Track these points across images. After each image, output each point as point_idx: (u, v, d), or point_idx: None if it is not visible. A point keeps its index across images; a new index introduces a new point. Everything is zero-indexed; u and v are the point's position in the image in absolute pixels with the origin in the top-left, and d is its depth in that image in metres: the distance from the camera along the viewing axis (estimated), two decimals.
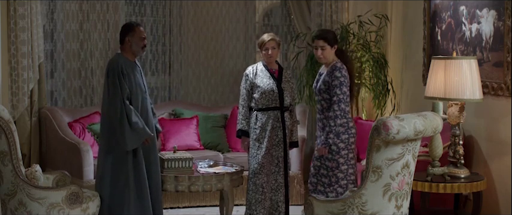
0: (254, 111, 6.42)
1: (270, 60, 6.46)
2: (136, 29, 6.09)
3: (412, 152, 5.01)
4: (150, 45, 8.53)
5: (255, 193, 6.35)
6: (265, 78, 6.42)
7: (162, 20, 8.58)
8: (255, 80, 6.43)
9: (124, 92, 5.93)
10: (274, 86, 6.39)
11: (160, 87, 8.65)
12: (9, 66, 7.31)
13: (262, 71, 6.46)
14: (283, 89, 6.42)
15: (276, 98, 6.38)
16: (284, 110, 6.43)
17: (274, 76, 6.44)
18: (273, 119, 6.37)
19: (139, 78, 6.10)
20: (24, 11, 7.26)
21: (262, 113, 6.39)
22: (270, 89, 6.36)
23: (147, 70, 8.54)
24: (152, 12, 8.53)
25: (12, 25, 7.26)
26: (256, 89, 6.41)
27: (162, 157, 6.41)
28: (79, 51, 8.09)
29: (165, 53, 8.63)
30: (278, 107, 6.40)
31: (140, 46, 6.11)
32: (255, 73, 6.46)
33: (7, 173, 5.48)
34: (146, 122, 6.03)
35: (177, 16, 8.59)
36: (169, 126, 7.74)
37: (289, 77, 6.52)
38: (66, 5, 7.95)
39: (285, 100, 6.42)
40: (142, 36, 6.11)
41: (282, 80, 6.45)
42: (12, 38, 7.28)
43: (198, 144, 7.73)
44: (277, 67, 6.52)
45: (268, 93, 6.36)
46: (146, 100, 6.15)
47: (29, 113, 7.44)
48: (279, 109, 6.40)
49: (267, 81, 6.40)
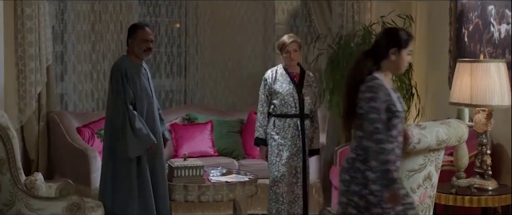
0: (272, 117, 6.11)
1: (292, 64, 6.14)
2: (138, 31, 5.82)
3: (435, 163, 4.66)
4: (164, 47, 8.25)
5: (275, 202, 6.06)
6: (285, 83, 6.10)
7: (178, 20, 8.30)
8: (274, 86, 6.10)
9: (127, 97, 5.64)
10: (294, 92, 6.08)
11: (175, 91, 8.36)
12: (17, 69, 7.05)
13: (282, 75, 6.14)
14: (304, 95, 6.10)
15: (296, 105, 6.07)
16: (304, 117, 6.10)
17: (295, 81, 6.12)
18: (293, 127, 6.07)
19: (145, 82, 5.81)
20: (32, 12, 7.00)
21: (280, 120, 6.09)
22: (289, 96, 6.06)
23: (161, 72, 8.26)
24: (167, 12, 8.26)
25: (20, 26, 7.00)
26: (275, 95, 6.10)
27: (172, 164, 6.10)
28: (91, 53, 7.81)
29: (180, 54, 8.35)
30: (297, 114, 6.08)
31: (142, 49, 5.81)
32: (274, 78, 6.13)
33: (5, 182, 5.20)
34: (152, 128, 5.74)
35: (193, 16, 8.30)
36: (183, 131, 7.43)
37: (311, 80, 6.21)
38: (77, 5, 7.67)
39: (306, 107, 6.10)
40: (145, 38, 5.81)
41: (304, 85, 6.13)
42: (19, 40, 7.02)
43: (212, 150, 7.42)
44: (298, 70, 6.20)
45: (288, 100, 6.06)
46: (153, 105, 5.85)
47: (36, 117, 7.17)
48: (298, 117, 6.08)
49: (287, 87, 6.08)
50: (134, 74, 5.75)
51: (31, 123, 7.14)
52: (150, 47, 5.84)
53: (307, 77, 6.16)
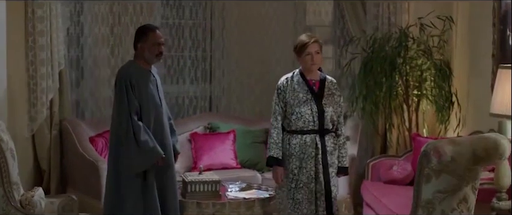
0: (286, 133, 5.19)
1: (313, 68, 5.17)
2: (149, 34, 5.33)
3: (472, 184, 4.10)
4: (188, 51, 7.84)
5: None
6: (302, 92, 5.16)
7: (202, 23, 7.89)
8: (289, 96, 5.18)
9: (132, 106, 5.19)
10: (313, 103, 5.14)
11: (200, 97, 7.93)
12: (27, 74, 6.65)
13: (298, 83, 5.19)
14: (324, 106, 5.15)
15: (314, 119, 5.13)
16: (324, 133, 5.18)
17: (314, 90, 5.18)
18: (310, 146, 5.12)
19: (153, 90, 5.34)
20: (43, 13, 6.59)
21: (295, 137, 5.15)
22: (306, 108, 5.13)
23: (185, 78, 7.85)
24: (191, 14, 7.85)
25: (30, 29, 6.60)
26: (289, 107, 5.17)
27: (185, 179, 5.62)
28: (109, 58, 7.38)
29: (205, 59, 7.93)
30: (316, 130, 5.15)
31: (154, 53, 5.33)
32: (290, 86, 5.20)
33: None
34: (161, 140, 5.27)
35: (219, 18, 7.87)
36: (203, 141, 6.96)
37: (334, 88, 5.24)
38: (95, 6, 7.25)
39: (326, 121, 5.17)
40: (157, 41, 5.33)
41: (324, 95, 5.18)
42: (30, 43, 6.62)
43: (234, 162, 6.94)
44: (318, 77, 5.24)
45: (304, 113, 5.13)
46: (161, 115, 5.38)
47: (48, 125, 6.76)
48: (317, 133, 5.15)
49: (303, 98, 5.14)
50: (141, 81, 5.29)
51: (43, 131, 6.75)
52: (161, 51, 5.38)
53: (329, 84, 5.23)
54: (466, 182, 4.07)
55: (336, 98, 5.25)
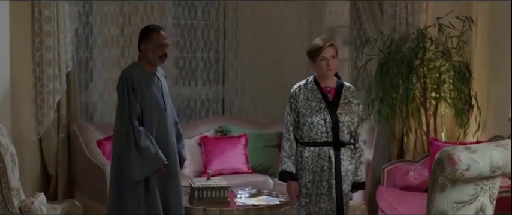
0: (298, 144, 4.79)
1: (328, 74, 4.73)
2: (152, 35, 5.13)
3: (489, 193, 3.88)
4: (201, 52, 7.67)
5: None
6: (315, 101, 4.73)
7: (215, 23, 7.72)
8: (301, 105, 4.75)
9: (133, 110, 5.01)
10: (326, 112, 4.71)
11: (212, 100, 7.76)
12: (34, 76, 6.50)
13: (312, 91, 4.76)
14: (339, 116, 4.70)
15: (327, 130, 4.70)
16: (339, 145, 4.74)
17: (328, 98, 4.74)
18: (324, 159, 4.71)
19: (157, 93, 5.15)
20: (50, 13, 6.43)
21: (307, 150, 4.73)
22: (319, 118, 4.70)
23: (198, 80, 7.67)
24: (204, 14, 7.68)
25: (37, 29, 6.45)
26: (302, 117, 4.76)
27: (193, 184, 5.43)
28: (119, 59, 7.21)
29: (218, 60, 7.77)
30: (330, 142, 4.72)
31: (158, 55, 5.12)
32: (302, 94, 4.77)
33: None
34: (165, 146, 5.10)
35: (232, 18, 7.71)
36: (213, 145, 6.77)
37: (351, 96, 4.79)
38: (105, 6, 7.09)
39: (342, 132, 4.73)
40: (161, 42, 5.12)
41: (339, 103, 4.74)
42: (36, 44, 6.47)
43: (245, 167, 6.75)
44: (334, 84, 4.80)
45: (317, 124, 4.70)
46: (166, 119, 5.19)
47: (55, 128, 6.60)
48: (331, 145, 4.72)
49: (316, 107, 4.71)
50: (144, 84, 5.09)
51: (50, 135, 6.59)
52: (165, 53, 5.16)
53: (346, 92, 4.79)
54: (483, 192, 3.85)
55: (352, 107, 4.77)
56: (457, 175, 3.69)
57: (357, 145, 4.82)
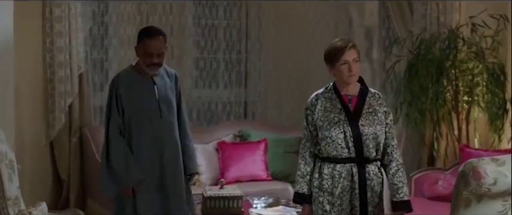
0: (318, 161, 4.20)
1: (351, 81, 4.11)
2: (143, 40, 4.80)
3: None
4: (222, 53, 7.40)
5: None
6: (334, 112, 4.12)
7: (237, 23, 7.45)
8: (318, 117, 4.15)
9: (112, 121, 4.72)
10: (346, 124, 4.09)
11: (234, 103, 7.48)
12: (45, 78, 6.27)
13: (331, 100, 4.15)
14: (362, 127, 4.07)
15: (348, 144, 4.09)
16: (364, 162, 4.10)
17: (348, 108, 4.11)
18: (345, 178, 4.10)
19: (149, 99, 4.80)
20: (61, 13, 6.19)
21: (327, 167, 4.14)
22: (337, 131, 4.09)
23: (219, 82, 7.40)
24: (225, 14, 7.40)
25: (48, 29, 6.22)
26: (320, 130, 4.15)
27: (205, 193, 5.12)
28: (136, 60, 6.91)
29: (240, 62, 7.49)
30: (353, 158, 4.10)
31: (145, 63, 4.78)
32: (320, 105, 4.17)
33: None
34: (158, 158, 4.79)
35: (255, 18, 7.43)
36: (231, 151, 6.47)
37: (377, 104, 4.15)
38: (121, 5, 6.83)
39: (367, 147, 4.09)
40: (148, 50, 4.74)
41: (362, 113, 4.10)
42: (47, 45, 6.24)
43: (264, 174, 6.43)
44: (357, 91, 4.16)
45: (336, 138, 4.09)
46: (161, 131, 4.81)
47: (67, 132, 6.35)
48: (354, 161, 4.10)
49: (335, 118, 4.11)
50: (132, 90, 4.76)
51: (61, 139, 6.35)
52: (154, 63, 4.77)
53: (371, 100, 4.15)
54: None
55: (379, 116, 4.11)
56: (482, 190, 3.37)
57: (391, 158, 4.15)
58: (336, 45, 4.13)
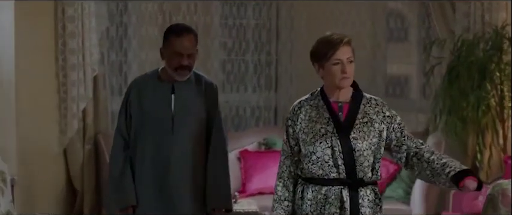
0: (299, 183, 3.55)
1: (344, 85, 3.47)
2: (171, 39, 4.06)
3: None
4: (251, 55, 7.11)
5: None
6: (320, 123, 3.46)
7: (267, 23, 7.16)
8: (300, 128, 3.50)
9: (119, 127, 4.16)
10: (335, 138, 3.43)
11: (263, 107, 7.17)
12: (57, 81, 5.96)
13: (317, 108, 3.52)
14: (354, 142, 3.43)
15: (337, 162, 3.43)
16: (357, 185, 3.45)
17: (338, 118, 3.46)
18: (332, 204, 3.42)
19: (161, 111, 4.08)
20: (74, 12, 5.86)
21: (310, 188, 3.48)
22: (324, 145, 3.42)
23: (247, 85, 7.10)
24: (254, 14, 7.10)
25: (60, 30, 5.91)
26: (302, 144, 3.50)
27: None
28: (158, 63, 6.48)
29: (270, 64, 7.19)
30: (343, 180, 3.43)
31: (173, 66, 4.05)
32: (303, 114, 3.53)
33: None
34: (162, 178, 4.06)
35: (286, 18, 7.11)
36: (254, 160, 6.08)
37: (374, 111, 3.48)
38: (141, 4, 6.51)
39: (359, 166, 3.44)
40: (176, 50, 4.02)
41: (355, 124, 3.45)
42: (60, 46, 5.93)
43: None
44: (349, 97, 3.52)
45: (322, 154, 3.43)
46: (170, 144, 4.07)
47: (81, 139, 6.02)
48: (344, 184, 3.44)
49: (322, 130, 3.44)
50: (144, 97, 4.11)
51: (74, 146, 6.02)
52: (183, 65, 4.05)
53: (366, 107, 3.50)
54: None
55: (376, 127, 3.46)
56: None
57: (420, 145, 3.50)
58: (328, 40, 3.52)
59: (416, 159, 3.46)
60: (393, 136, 3.51)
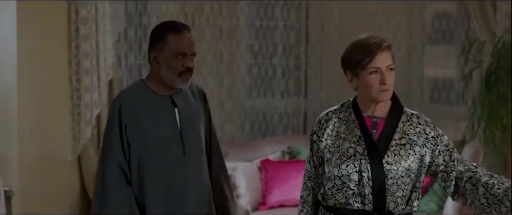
0: (320, 211, 3.08)
1: (383, 98, 2.98)
2: (168, 37, 3.47)
3: None
4: (278, 59, 6.82)
5: None
6: (349, 141, 2.98)
7: (296, 24, 6.86)
8: (325, 145, 3.03)
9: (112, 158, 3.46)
10: (365, 161, 2.93)
11: (291, 114, 6.90)
12: (70, 86, 5.67)
13: (347, 122, 3.03)
14: (388, 167, 2.92)
15: (365, 190, 2.92)
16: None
17: (371, 136, 2.96)
18: None
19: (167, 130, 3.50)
20: (88, 14, 5.58)
21: None
22: (350, 169, 2.93)
23: (274, 90, 6.81)
24: (282, 15, 6.81)
25: (74, 32, 5.62)
26: (326, 166, 3.02)
27: None
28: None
29: (299, 68, 6.90)
30: (370, 212, 2.93)
31: (177, 70, 3.44)
32: (329, 129, 3.05)
33: None
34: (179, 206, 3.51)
35: (316, 20, 6.82)
36: (275, 170, 5.75)
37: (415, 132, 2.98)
38: (162, 5, 6.25)
39: (391, 198, 2.92)
40: (179, 50, 3.44)
41: (391, 145, 2.95)
42: (73, 49, 5.64)
43: None
44: (385, 112, 3.01)
45: (348, 178, 2.94)
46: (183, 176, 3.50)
47: (95, 146, 5.76)
48: None
49: (350, 150, 2.95)
50: (143, 115, 3.47)
51: (88, 154, 5.76)
52: (189, 68, 3.46)
53: (406, 125, 2.99)
54: None
55: (417, 151, 2.95)
56: None
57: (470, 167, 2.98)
58: (364, 45, 3.01)
59: (471, 185, 2.93)
60: (440, 160, 2.98)
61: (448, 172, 2.98)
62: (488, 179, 2.92)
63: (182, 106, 3.53)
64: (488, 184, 2.90)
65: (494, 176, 2.94)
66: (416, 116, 3.02)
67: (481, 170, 2.98)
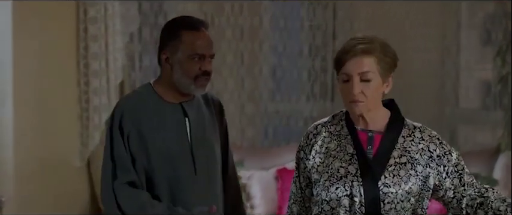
0: None
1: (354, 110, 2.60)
2: (183, 36, 3.02)
3: None
4: (304, 61, 6.56)
5: None
6: (340, 159, 2.58)
7: (323, 25, 6.59)
8: (313, 164, 2.63)
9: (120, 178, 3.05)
10: (357, 182, 2.53)
11: (317, 118, 6.46)
12: (79, 89, 5.49)
13: (338, 137, 2.62)
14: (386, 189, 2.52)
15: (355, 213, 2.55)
16: None
17: (364, 153, 2.58)
18: None
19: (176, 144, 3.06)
20: (97, 14, 5.38)
21: None
22: (340, 191, 2.54)
23: (300, 94, 6.57)
24: (308, 14, 6.53)
25: (82, 33, 5.43)
26: (314, 187, 2.63)
27: None
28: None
29: (326, 70, 6.62)
30: None
31: (191, 74, 3.01)
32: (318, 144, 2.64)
33: None
34: None
35: (344, 20, 6.55)
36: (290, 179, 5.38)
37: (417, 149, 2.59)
38: (179, 4, 6.01)
39: None
40: (195, 50, 3.00)
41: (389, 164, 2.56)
42: (81, 50, 5.46)
43: None
44: (383, 125, 2.62)
45: (338, 204, 2.55)
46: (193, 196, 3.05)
47: None
48: None
49: (341, 171, 2.56)
50: (152, 126, 3.04)
51: (98, 159, 5.49)
52: (207, 71, 3.03)
53: (407, 141, 2.60)
54: None
55: (419, 170, 2.55)
56: None
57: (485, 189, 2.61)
58: (343, 46, 2.62)
59: (483, 212, 2.55)
60: (447, 183, 2.59)
61: (458, 198, 2.58)
62: (501, 203, 2.54)
63: (194, 116, 3.10)
64: (501, 211, 2.52)
65: (506, 201, 2.55)
66: (420, 129, 2.61)
67: (492, 194, 2.59)
